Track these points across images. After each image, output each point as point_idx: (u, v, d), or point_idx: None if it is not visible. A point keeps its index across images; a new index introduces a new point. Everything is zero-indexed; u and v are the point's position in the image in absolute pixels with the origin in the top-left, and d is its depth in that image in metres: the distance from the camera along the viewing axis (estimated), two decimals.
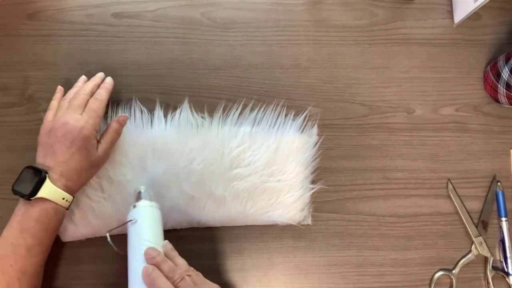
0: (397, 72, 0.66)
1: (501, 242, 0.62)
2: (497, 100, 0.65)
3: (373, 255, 0.61)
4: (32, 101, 0.63)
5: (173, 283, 0.46)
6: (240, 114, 0.62)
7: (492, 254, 0.61)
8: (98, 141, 0.55)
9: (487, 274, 0.61)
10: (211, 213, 0.59)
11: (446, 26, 0.68)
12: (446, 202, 0.63)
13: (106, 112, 0.59)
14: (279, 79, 0.65)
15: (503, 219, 0.62)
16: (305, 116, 0.63)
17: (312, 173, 0.62)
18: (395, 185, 0.63)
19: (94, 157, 0.54)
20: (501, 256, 0.62)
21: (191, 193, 0.59)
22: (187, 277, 0.47)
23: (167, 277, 0.46)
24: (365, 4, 0.68)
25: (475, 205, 0.63)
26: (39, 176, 0.49)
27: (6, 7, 0.65)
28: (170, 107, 0.62)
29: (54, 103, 0.57)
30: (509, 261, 0.61)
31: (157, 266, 0.47)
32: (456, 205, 0.62)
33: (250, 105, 0.63)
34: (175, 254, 0.50)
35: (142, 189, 0.55)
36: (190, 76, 0.64)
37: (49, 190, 0.50)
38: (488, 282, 0.61)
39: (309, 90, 0.65)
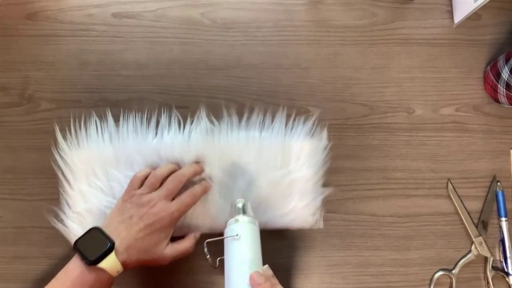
0: (397, 72, 0.66)
1: (501, 242, 0.62)
2: (497, 100, 0.65)
3: (373, 255, 0.61)
4: (32, 101, 0.63)
5: None
6: (246, 118, 0.61)
7: (492, 254, 0.61)
8: (171, 244, 0.53)
9: (487, 274, 0.61)
10: (222, 221, 0.57)
11: (446, 26, 0.68)
12: (446, 202, 0.63)
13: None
14: (279, 79, 0.65)
15: (503, 219, 0.62)
16: (314, 120, 0.62)
17: (322, 177, 0.61)
18: (395, 185, 0.63)
19: (159, 251, 0.52)
20: (501, 256, 0.62)
21: (203, 201, 0.57)
22: None
23: None
24: (365, 4, 0.68)
25: (475, 205, 0.63)
26: (107, 246, 0.48)
27: (6, 7, 0.65)
28: (169, 108, 0.63)
29: (142, 173, 0.56)
30: (509, 261, 0.61)
31: None
32: (456, 205, 0.62)
33: (253, 109, 0.63)
34: (275, 282, 0.48)
35: (241, 202, 0.53)
36: (190, 76, 0.64)
37: (110, 263, 0.49)
38: (488, 282, 0.61)
39: (309, 90, 0.65)
